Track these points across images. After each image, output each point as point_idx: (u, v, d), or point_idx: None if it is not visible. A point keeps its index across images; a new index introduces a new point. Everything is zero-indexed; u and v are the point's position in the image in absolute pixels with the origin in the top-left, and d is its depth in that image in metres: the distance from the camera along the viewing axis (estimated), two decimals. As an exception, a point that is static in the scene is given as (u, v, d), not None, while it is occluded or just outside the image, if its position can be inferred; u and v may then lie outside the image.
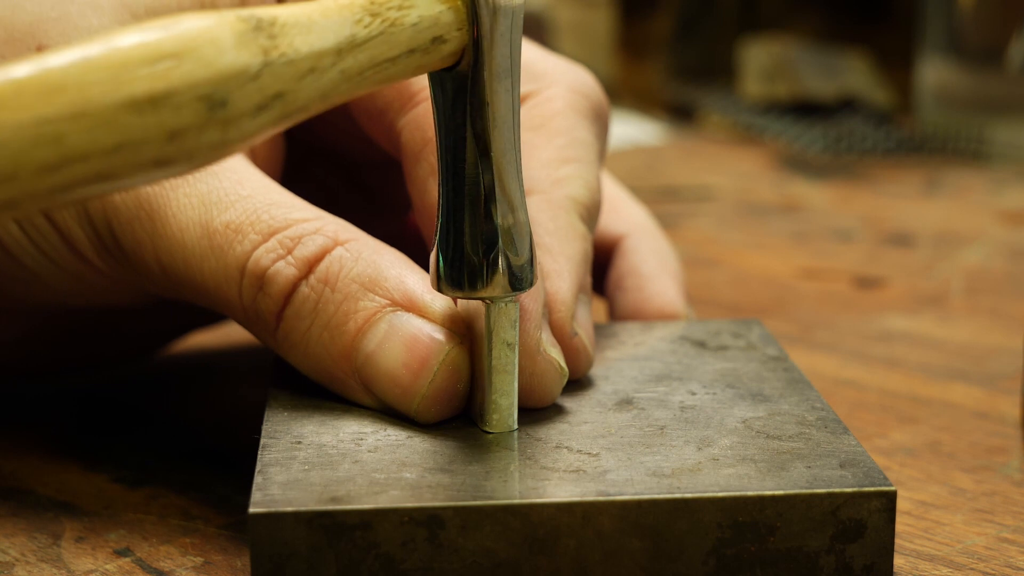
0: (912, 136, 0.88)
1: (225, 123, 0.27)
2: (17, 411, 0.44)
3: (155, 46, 0.26)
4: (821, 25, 1.00)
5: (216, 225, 0.36)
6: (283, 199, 0.36)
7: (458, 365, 0.34)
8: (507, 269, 0.33)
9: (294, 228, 0.36)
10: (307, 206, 0.36)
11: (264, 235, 0.35)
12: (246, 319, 0.36)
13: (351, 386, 0.35)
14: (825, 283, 0.60)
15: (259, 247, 0.35)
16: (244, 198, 0.36)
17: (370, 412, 0.35)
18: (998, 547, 0.35)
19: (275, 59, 0.28)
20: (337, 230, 0.36)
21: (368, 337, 0.35)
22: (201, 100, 0.26)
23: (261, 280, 0.35)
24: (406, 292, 0.35)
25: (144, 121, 0.26)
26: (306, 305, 0.35)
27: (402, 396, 0.35)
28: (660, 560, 0.31)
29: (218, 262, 0.36)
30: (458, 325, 0.35)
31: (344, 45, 0.29)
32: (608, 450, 0.33)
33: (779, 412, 0.36)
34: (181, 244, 0.36)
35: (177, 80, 0.26)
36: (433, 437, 0.34)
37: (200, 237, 0.36)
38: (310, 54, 0.28)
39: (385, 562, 0.31)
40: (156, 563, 0.34)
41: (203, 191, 0.36)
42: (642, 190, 0.77)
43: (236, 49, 0.27)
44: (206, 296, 0.36)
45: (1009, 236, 0.69)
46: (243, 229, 0.36)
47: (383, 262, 0.35)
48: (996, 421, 0.44)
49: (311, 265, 0.35)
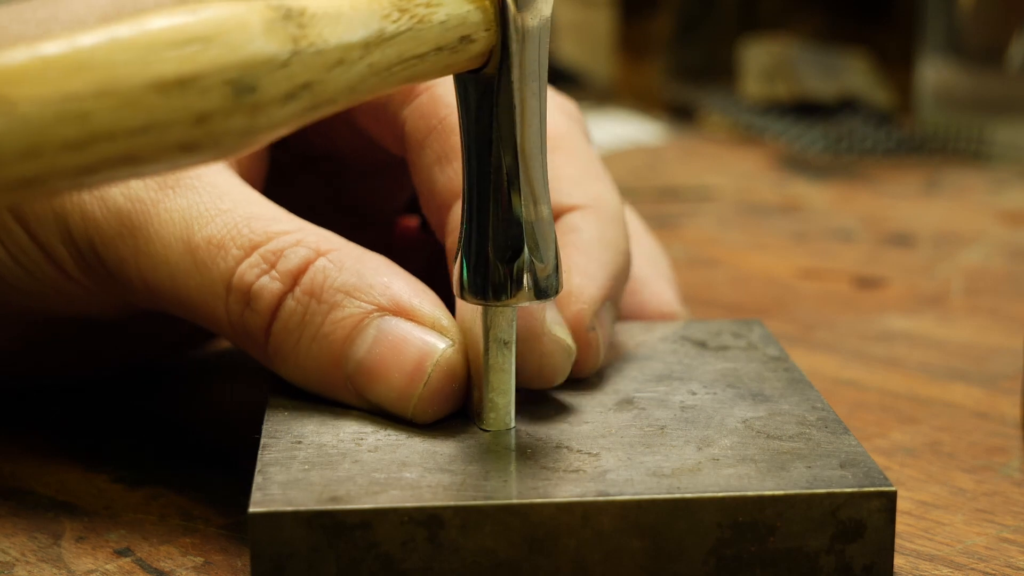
0: (912, 136, 0.88)
1: (253, 109, 0.27)
2: (17, 411, 0.44)
3: (184, 29, 0.26)
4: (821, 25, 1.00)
5: (198, 241, 0.36)
6: (263, 211, 0.36)
7: (452, 366, 0.34)
8: (533, 279, 0.33)
9: (275, 241, 0.35)
10: (287, 217, 0.36)
11: (246, 250, 0.35)
12: (235, 335, 0.36)
13: (346, 394, 0.35)
14: (825, 283, 0.60)
15: (242, 262, 0.35)
16: (224, 212, 0.36)
17: (370, 412, 0.35)
18: (998, 547, 0.35)
19: (304, 48, 0.28)
20: (318, 240, 0.36)
21: (356, 344, 0.35)
22: (228, 84, 0.26)
23: (247, 296, 0.35)
24: (392, 297, 0.35)
25: (171, 103, 0.26)
26: (293, 318, 0.35)
27: (397, 401, 0.35)
28: (660, 560, 0.31)
29: (203, 278, 0.35)
30: (450, 325, 0.35)
31: (372, 39, 0.29)
32: (608, 450, 0.33)
33: (779, 412, 0.36)
34: (165, 261, 0.36)
35: (205, 63, 0.26)
36: (433, 437, 0.34)
37: (183, 253, 0.36)
38: (339, 46, 0.28)
39: (385, 562, 0.31)
40: (156, 563, 0.34)
41: (183, 206, 0.36)
42: (642, 190, 0.77)
43: (265, 36, 0.27)
44: (193, 312, 0.36)
45: (1009, 236, 0.69)
46: (225, 244, 0.35)
47: (367, 269, 0.35)
48: (996, 421, 0.44)
49: (295, 278, 0.35)
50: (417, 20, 0.30)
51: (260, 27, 0.27)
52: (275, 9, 0.28)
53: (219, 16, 0.27)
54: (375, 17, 0.29)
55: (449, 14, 0.31)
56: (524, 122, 0.32)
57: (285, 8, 0.28)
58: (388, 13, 0.30)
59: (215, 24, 0.27)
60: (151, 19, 0.26)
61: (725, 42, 1.00)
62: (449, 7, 0.31)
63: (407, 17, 0.30)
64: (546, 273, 0.33)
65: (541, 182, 0.33)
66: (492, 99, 0.32)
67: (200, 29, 0.26)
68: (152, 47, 0.26)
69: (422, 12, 0.30)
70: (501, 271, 0.33)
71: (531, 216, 0.33)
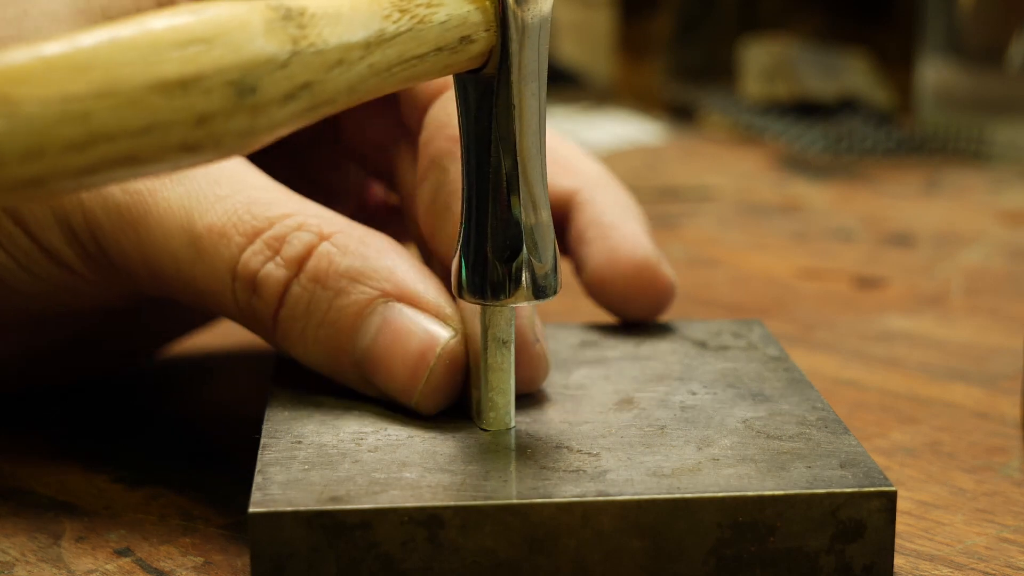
0: (912, 136, 0.88)
1: (254, 110, 0.27)
2: (17, 411, 0.44)
3: (185, 29, 0.26)
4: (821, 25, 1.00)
5: (199, 229, 0.35)
6: (261, 195, 0.36)
7: (456, 356, 0.35)
8: (531, 279, 0.33)
9: (277, 227, 0.35)
10: (286, 198, 0.36)
11: (248, 236, 0.35)
12: (244, 320, 0.36)
13: (354, 379, 0.35)
14: (825, 283, 0.60)
15: (246, 249, 0.35)
16: (223, 198, 0.36)
17: (370, 412, 0.35)
18: (998, 547, 0.35)
19: (304, 48, 0.28)
20: (320, 222, 0.36)
21: (362, 331, 0.35)
22: (230, 85, 0.26)
23: (253, 283, 0.35)
24: (397, 282, 0.35)
25: (173, 103, 0.26)
26: (299, 305, 0.35)
27: (401, 390, 0.35)
28: (660, 560, 0.31)
29: (207, 267, 0.35)
30: (452, 313, 0.35)
31: (373, 39, 0.29)
32: (608, 450, 0.33)
33: (779, 412, 0.36)
34: (168, 251, 0.36)
35: (207, 64, 0.26)
36: (433, 437, 0.34)
37: (185, 243, 0.36)
38: (339, 46, 0.28)
39: (385, 562, 0.31)
40: (156, 563, 0.34)
41: (180, 194, 0.36)
42: (642, 190, 0.77)
43: (265, 36, 0.27)
44: (200, 299, 0.36)
45: (1009, 236, 0.69)
46: (227, 232, 0.35)
47: (370, 251, 0.35)
48: (996, 421, 0.44)
49: (300, 264, 0.35)
50: (418, 20, 0.30)
51: (261, 27, 0.27)
52: (275, 9, 0.28)
53: (220, 16, 0.27)
54: (375, 17, 0.29)
55: (450, 14, 0.31)
56: (523, 122, 0.32)
57: (285, 8, 0.28)
58: (388, 13, 0.30)
59: (217, 24, 0.27)
60: (153, 20, 0.26)
61: (725, 42, 1.00)
62: (449, 7, 0.31)
63: (407, 17, 0.30)
64: (544, 272, 0.33)
65: (540, 183, 0.33)
66: (491, 99, 0.32)
67: (202, 29, 0.26)
68: (154, 47, 0.26)
69: (422, 12, 0.30)
70: (500, 271, 0.33)
71: (530, 216, 0.33)
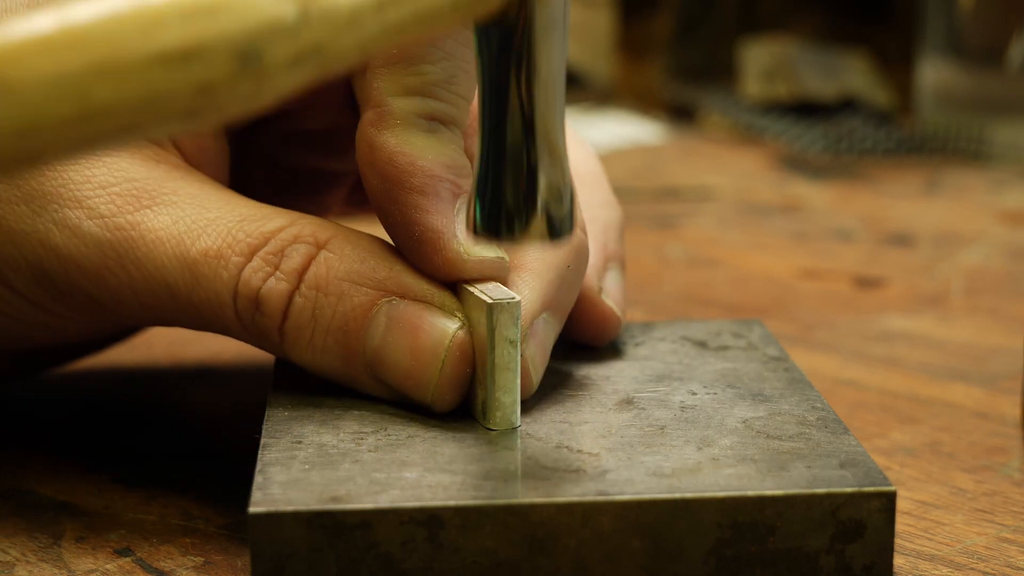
0: (912, 136, 0.88)
1: (259, 76, 0.26)
2: (17, 411, 0.44)
3: None
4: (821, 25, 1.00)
5: (194, 255, 0.35)
6: (249, 212, 0.36)
7: (465, 346, 0.35)
8: (547, 218, 0.32)
9: (273, 241, 0.35)
10: (275, 212, 0.36)
11: (246, 255, 0.35)
12: (248, 337, 0.36)
13: (367, 383, 0.35)
14: (825, 283, 0.60)
15: (244, 268, 0.35)
16: (213, 220, 0.35)
17: (370, 412, 0.35)
18: (998, 547, 0.35)
19: (313, 12, 0.26)
20: (314, 231, 0.35)
21: (370, 332, 0.35)
22: (234, 54, 0.25)
23: (256, 301, 0.35)
24: (398, 281, 0.35)
25: (174, 76, 0.25)
26: (304, 315, 0.35)
27: (415, 387, 0.35)
28: (660, 560, 0.31)
29: (207, 291, 0.35)
30: (455, 305, 0.35)
31: None
32: (608, 450, 0.33)
33: (779, 412, 0.36)
34: (163, 282, 0.35)
35: (210, 34, 0.25)
36: (433, 437, 0.34)
37: (180, 270, 0.35)
38: (350, 5, 0.27)
39: (385, 562, 0.31)
40: (156, 563, 0.34)
41: (168, 223, 0.35)
42: (642, 190, 0.77)
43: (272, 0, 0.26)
44: (201, 323, 0.36)
45: (1009, 236, 0.69)
46: (223, 253, 0.35)
47: (367, 254, 0.35)
48: (996, 421, 0.44)
49: (300, 275, 0.35)
50: None
51: None
52: None
53: None
54: None
55: None
56: (545, 69, 0.31)
57: None
58: None
59: None
60: None
61: (725, 42, 1.00)
62: None
63: None
64: (561, 214, 0.33)
65: (558, 128, 0.32)
66: (512, 47, 0.31)
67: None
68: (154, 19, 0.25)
69: None
70: (515, 207, 0.32)
71: (545, 160, 0.32)
